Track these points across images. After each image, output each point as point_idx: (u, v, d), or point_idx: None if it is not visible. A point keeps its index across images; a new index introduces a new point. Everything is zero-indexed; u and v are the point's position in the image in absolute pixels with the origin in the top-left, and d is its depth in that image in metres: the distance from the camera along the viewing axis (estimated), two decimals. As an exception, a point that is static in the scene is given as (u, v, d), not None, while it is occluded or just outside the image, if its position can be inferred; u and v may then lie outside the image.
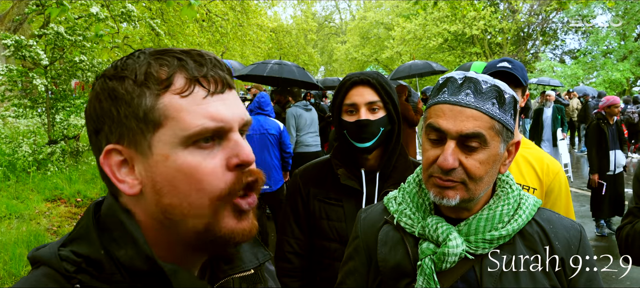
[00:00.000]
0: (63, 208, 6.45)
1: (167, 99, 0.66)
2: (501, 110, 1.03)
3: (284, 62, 8.11)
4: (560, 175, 1.84)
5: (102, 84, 0.68)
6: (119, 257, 0.66)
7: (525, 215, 1.10)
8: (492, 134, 1.02)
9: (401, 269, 1.12)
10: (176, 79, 0.66)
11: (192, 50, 0.70)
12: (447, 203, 1.04)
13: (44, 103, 7.74)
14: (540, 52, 30.17)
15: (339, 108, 1.72)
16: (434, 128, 1.05)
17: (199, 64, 0.68)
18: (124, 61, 0.69)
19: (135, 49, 6.42)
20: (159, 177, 0.66)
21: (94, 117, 0.69)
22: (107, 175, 0.68)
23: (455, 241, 1.05)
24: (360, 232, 1.25)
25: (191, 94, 0.66)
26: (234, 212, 0.68)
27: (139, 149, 0.66)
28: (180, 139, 0.65)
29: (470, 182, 1.03)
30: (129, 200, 0.70)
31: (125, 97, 0.66)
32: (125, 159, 0.67)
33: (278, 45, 26.52)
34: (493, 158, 1.04)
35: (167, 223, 0.68)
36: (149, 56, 0.68)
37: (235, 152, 0.68)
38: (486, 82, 1.04)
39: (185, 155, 0.65)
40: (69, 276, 0.65)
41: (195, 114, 0.65)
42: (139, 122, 0.66)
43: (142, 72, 0.66)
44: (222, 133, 0.68)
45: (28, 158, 7.25)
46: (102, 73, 0.71)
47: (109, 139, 0.67)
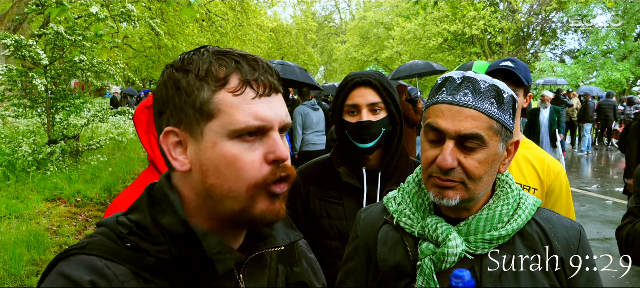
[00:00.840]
0: (63, 208, 6.45)
1: (222, 96, 0.76)
2: (500, 109, 1.03)
3: (286, 62, 8.16)
4: (562, 176, 1.83)
5: (170, 74, 0.79)
6: (164, 223, 0.78)
7: (525, 215, 1.10)
8: (491, 134, 1.02)
9: (401, 269, 1.12)
10: (232, 79, 0.77)
11: (249, 55, 0.80)
12: (447, 204, 1.04)
13: (44, 103, 7.74)
14: (540, 52, 30.16)
15: (340, 108, 1.72)
16: (433, 128, 1.05)
17: (253, 68, 0.78)
18: (191, 56, 0.79)
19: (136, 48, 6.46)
20: (206, 161, 0.77)
21: (160, 101, 0.80)
22: (164, 152, 0.80)
23: (455, 241, 1.05)
24: (360, 232, 1.25)
25: (242, 94, 0.76)
26: (267, 196, 0.78)
27: (193, 134, 0.78)
28: (228, 132, 0.75)
29: (470, 182, 1.03)
30: (179, 177, 0.82)
31: (187, 88, 0.77)
32: (180, 141, 0.79)
33: (278, 45, 26.52)
34: (492, 158, 1.04)
35: (209, 201, 0.79)
36: (212, 55, 0.78)
37: (273, 149, 0.77)
38: (485, 81, 1.04)
39: (230, 145, 0.76)
40: (123, 236, 0.78)
41: (244, 112, 0.76)
42: (195, 112, 0.76)
43: (204, 69, 0.77)
44: (264, 131, 0.77)
45: (28, 158, 7.25)
46: (171, 63, 0.81)
47: (169, 122, 0.79)
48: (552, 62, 28.17)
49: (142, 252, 0.77)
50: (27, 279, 4.46)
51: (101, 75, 8.13)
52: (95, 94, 17.98)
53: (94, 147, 8.39)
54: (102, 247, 0.77)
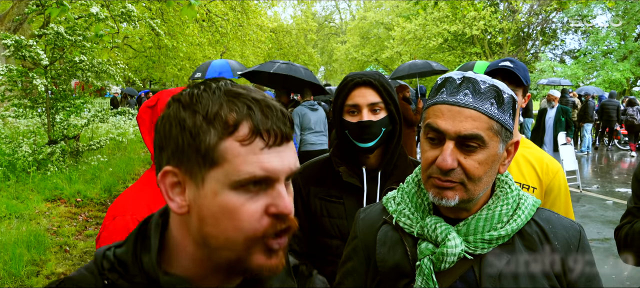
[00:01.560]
0: (63, 208, 6.45)
1: (229, 144, 0.71)
2: (500, 110, 1.03)
3: (291, 62, 8.23)
4: (560, 175, 1.85)
5: (176, 110, 0.74)
6: (144, 262, 0.75)
7: (524, 215, 1.10)
8: (491, 134, 1.02)
9: (400, 269, 1.12)
10: (242, 127, 0.71)
11: (263, 100, 0.74)
12: (446, 204, 1.04)
13: (44, 103, 7.74)
14: (540, 52, 30.16)
15: (340, 108, 1.74)
16: (432, 128, 1.05)
17: (266, 116, 0.73)
18: (201, 93, 0.74)
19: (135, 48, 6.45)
20: (204, 208, 0.72)
21: (162, 136, 0.76)
22: (162, 191, 0.76)
23: (454, 241, 1.05)
24: (358, 232, 1.25)
25: (251, 144, 0.71)
26: (264, 250, 0.74)
27: (193, 178, 0.73)
28: (231, 182, 0.71)
29: (469, 183, 1.03)
30: (176, 218, 0.78)
31: (192, 130, 0.72)
32: (179, 181, 0.74)
33: (278, 45, 26.53)
34: (492, 159, 1.04)
35: (204, 248, 0.75)
36: (223, 95, 0.73)
37: (276, 202, 0.73)
38: (484, 82, 1.04)
39: (231, 196, 0.71)
40: (102, 272, 0.76)
41: (250, 163, 0.71)
42: (198, 156, 0.72)
43: (213, 111, 0.71)
44: (269, 182, 0.73)
45: (28, 158, 7.25)
46: (178, 96, 0.76)
47: (169, 160, 0.75)
48: (552, 62, 28.15)
49: None
50: (27, 279, 4.46)
51: (101, 75, 8.14)
52: (95, 94, 17.97)
53: (94, 147, 8.39)
54: (78, 283, 0.75)
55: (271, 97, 0.76)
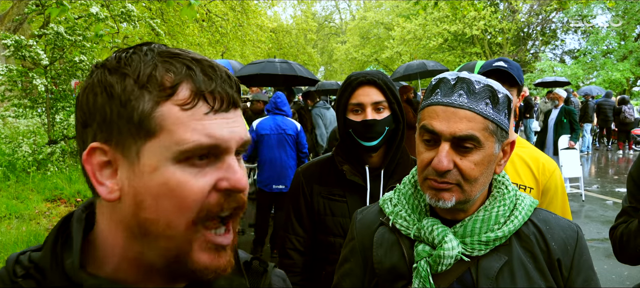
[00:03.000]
0: (63, 208, 6.45)
1: (167, 109, 0.61)
2: (495, 110, 1.03)
3: (288, 61, 8.53)
4: (556, 174, 1.85)
5: (101, 76, 0.63)
6: (66, 265, 0.63)
7: (522, 216, 1.10)
8: (486, 135, 1.02)
9: (397, 271, 1.12)
10: (181, 89, 0.61)
11: (204, 60, 0.65)
12: (443, 206, 1.04)
13: (44, 103, 7.74)
14: (540, 52, 30.16)
15: (344, 107, 1.75)
16: (427, 130, 1.04)
17: (208, 76, 0.63)
18: (130, 55, 0.64)
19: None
20: (142, 188, 0.61)
21: (84, 109, 0.64)
22: (87, 174, 0.63)
23: (451, 243, 1.05)
24: (356, 234, 1.25)
25: (193, 107, 0.62)
26: (209, 247, 0.64)
27: (126, 154, 0.62)
28: (173, 153, 0.61)
29: (466, 184, 1.03)
30: (105, 207, 0.66)
31: (122, 96, 0.61)
32: (109, 161, 0.63)
33: (278, 45, 26.51)
34: (488, 159, 1.04)
35: (139, 239, 0.63)
36: (157, 56, 0.63)
37: (227, 175, 0.64)
38: (479, 82, 1.04)
39: (174, 170, 0.61)
40: (14, 280, 0.64)
41: (194, 130, 0.61)
42: (131, 126, 0.61)
43: (146, 73, 0.61)
44: (217, 152, 0.63)
45: (28, 158, 7.25)
46: (103, 62, 0.65)
47: (96, 136, 0.63)
48: (552, 62, 28.15)
49: None
50: (27, 279, 4.46)
51: (101, 75, 8.13)
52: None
53: (93, 147, 8.38)
54: None
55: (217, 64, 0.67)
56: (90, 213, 0.70)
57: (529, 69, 27.69)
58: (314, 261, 1.83)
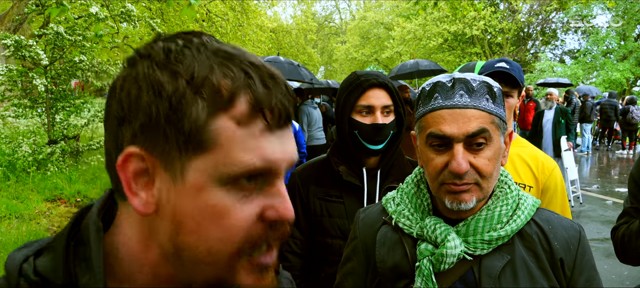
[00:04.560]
0: (63, 208, 6.45)
1: (222, 122, 0.52)
2: (495, 104, 1.05)
3: (278, 58, 8.71)
4: (556, 173, 1.85)
5: (147, 70, 0.53)
6: (82, 283, 0.54)
7: (524, 216, 1.10)
8: (493, 128, 1.04)
9: (399, 270, 1.12)
10: (239, 101, 0.53)
11: (263, 66, 0.56)
12: (465, 207, 1.04)
13: (44, 103, 7.74)
14: (540, 52, 30.16)
15: (351, 107, 1.71)
16: (436, 136, 1.04)
17: (268, 88, 0.54)
18: (180, 49, 0.54)
19: (135, 49, 6.49)
20: (183, 208, 0.53)
21: (124, 104, 0.54)
22: (120, 180, 0.55)
23: (453, 242, 1.05)
24: (358, 233, 1.25)
25: (250, 124, 0.53)
26: (253, 268, 0.57)
27: (168, 166, 0.53)
28: (222, 174, 0.53)
29: (483, 181, 1.03)
30: (132, 219, 0.57)
31: (173, 99, 0.52)
32: (146, 169, 0.54)
33: (278, 45, 26.52)
34: (497, 153, 1.05)
35: (174, 261, 0.56)
36: (212, 56, 0.54)
37: (275, 204, 0.57)
38: (474, 79, 1.05)
39: (220, 193, 0.53)
40: None
41: (248, 149, 0.53)
42: (179, 136, 0.52)
43: (201, 75, 0.52)
44: (267, 176, 0.56)
45: (28, 158, 7.25)
46: (146, 51, 0.56)
47: (135, 138, 0.54)
48: (552, 62, 28.15)
49: None
50: (27, 279, 4.46)
51: (101, 75, 8.14)
52: (95, 94, 17.97)
53: (94, 147, 8.39)
54: None
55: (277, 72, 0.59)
56: (108, 218, 0.60)
57: (529, 69, 27.70)
58: (312, 263, 1.82)
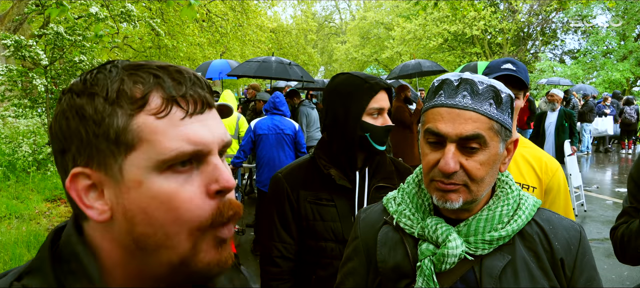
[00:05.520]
0: (63, 208, 6.46)
1: (142, 120, 0.60)
2: (499, 110, 1.04)
3: (268, 58, 8.75)
4: (559, 174, 1.85)
5: (69, 100, 0.62)
6: None
7: (525, 216, 1.10)
8: (491, 134, 1.03)
9: (400, 270, 1.12)
10: (152, 98, 0.61)
11: (170, 66, 0.65)
12: (451, 207, 1.04)
13: (44, 103, 7.74)
14: (540, 52, 30.16)
15: (363, 110, 1.69)
16: (432, 132, 1.05)
17: (177, 82, 0.63)
18: (94, 75, 0.63)
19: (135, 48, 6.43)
20: (131, 205, 0.60)
21: (59, 136, 0.63)
22: (74, 200, 0.62)
23: (454, 242, 1.05)
24: (359, 233, 1.25)
25: (168, 115, 0.61)
26: (214, 242, 0.64)
27: (109, 173, 0.61)
28: (155, 163, 0.60)
29: (472, 184, 1.03)
30: (96, 228, 0.64)
31: (95, 116, 0.60)
32: (93, 183, 0.62)
33: (278, 45, 26.52)
34: (493, 159, 1.04)
35: (139, 254, 0.63)
36: (122, 71, 0.63)
37: (215, 177, 0.63)
38: (482, 82, 1.04)
39: (160, 181, 0.60)
40: None
41: (172, 136, 0.60)
42: (109, 144, 0.60)
43: (114, 89, 0.61)
44: (200, 156, 0.63)
45: (28, 158, 7.26)
46: (69, 87, 0.64)
47: (76, 161, 0.62)
48: (552, 62, 28.15)
49: None
50: (27, 279, 4.46)
51: (101, 75, 8.13)
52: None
53: (94, 147, 8.39)
54: None
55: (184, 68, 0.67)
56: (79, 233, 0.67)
57: (529, 69, 27.68)
58: (303, 266, 1.81)
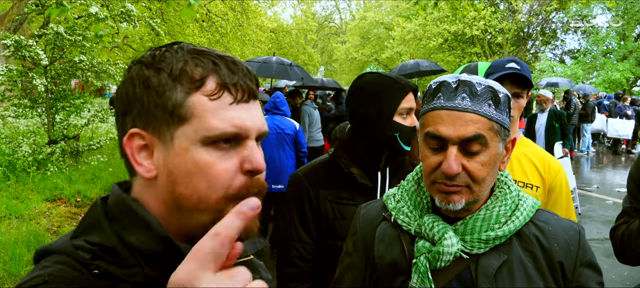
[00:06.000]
0: (63, 208, 6.45)
1: (196, 99, 0.70)
2: (497, 110, 1.04)
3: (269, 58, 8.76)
4: (561, 174, 1.86)
5: (138, 71, 0.73)
6: (131, 242, 0.70)
7: (523, 217, 1.10)
8: (492, 135, 1.03)
9: (397, 266, 1.13)
10: (208, 82, 0.71)
11: (227, 57, 0.74)
12: (454, 208, 1.05)
13: (44, 103, 7.74)
14: (540, 52, 30.16)
15: (394, 110, 1.70)
16: (433, 135, 1.05)
17: (232, 71, 0.72)
18: (163, 52, 0.73)
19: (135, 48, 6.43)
20: (175, 168, 0.70)
21: (124, 100, 0.73)
22: (128, 156, 0.72)
23: (450, 240, 1.06)
24: (358, 228, 1.26)
25: (219, 98, 0.71)
26: None
27: (161, 138, 0.71)
28: (202, 137, 0.69)
29: (475, 185, 1.04)
30: (142, 185, 0.75)
31: (158, 88, 0.70)
32: (146, 144, 0.72)
33: (278, 45, 26.52)
34: (494, 159, 1.05)
35: (177, 213, 0.72)
36: (187, 53, 0.72)
37: (249, 158, 0.72)
38: (480, 83, 1.05)
39: (203, 152, 0.70)
40: (87, 263, 0.68)
41: (220, 117, 0.70)
42: (165, 114, 0.70)
43: (178, 67, 0.71)
44: (240, 138, 0.72)
45: (28, 158, 7.25)
46: (138, 59, 0.75)
47: (135, 123, 0.72)
48: (552, 62, 28.15)
49: (113, 278, 0.68)
50: (27, 279, 4.45)
51: (101, 75, 8.14)
52: (95, 94, 17.99)
53: (94, 147, 8.39)
54: (66, 278, 0.66)
55: (239, 60, 0.76)
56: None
57: (529, 69, 27.68)
58: (321, 265, 1.80)
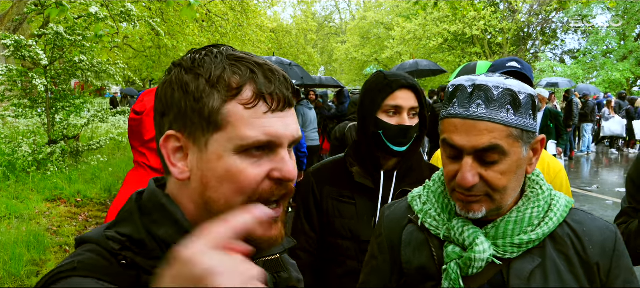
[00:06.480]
0: (63, 208, 6.44)
1: (232, 107, 0.71)
2: (518, 114, 0.97)
3: (270, 58, 8.71)
4: (562, 174, 1.84)
5: (178, 74, 0.74)
6: (159, 235, 0.72)
7: (557, 218, 1.04)
8: (511, 142, 0.96)
9: (426, 272, 1.08)
10: (245, 90, 0.71)
11: (265, 64, 0.74)
12: (474, 216, 1.00)
13: (44, 103, 7.73)
14: (540, 52, 30.15)
15: (378, 106, 1.68)
16: (449, 144, 1.00)
17: (269, 80, 0.72)
18: (202, 57, 0.74)
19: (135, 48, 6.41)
20: (208, 172, 0.72)
21: (163, 102, 0.75)
22: (163, 156, 0.75)
23: (482, 246, 1.00)
24: (384, 229, 1.21)
25: (255, 107, 0.71)
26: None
27: (196, 143, 0.72)
28: (235, 146, 0.70)
29: (495, 193, 0.98)
30: (176, 185, 0.77)
31: (196, 93, 0.71)
32: (181, 146, 0.74)
33: (278, 45, 26.51)
34: (516, 165, 0.98)
35: (206, 215, 0.74)
36: (226, 59, 0.73)
37: (280, 167, 0.73)
38: (498, 86, 0.97)
39: (235, 159, 0.71)
40: (115, 253, 0.71)
41: (254, 127, 0.70)
42: (201, 120, 0.71)
43: (216, 74, 0.71)
44: (272, 146, 0.72)
45: (28, 158, 7.24)
46: (178, 61, 0.76)
47: (171, 125, 0.74)
48: (552, 62, 28.15)
49: (139, 269, 0.71)
50: (27, 279, 4.44)
51: (101, 75, 8.12)
52: (95, 94, 17.97)
53: (94, 147, 8.38)
54: (94, 266, 0.69)
55: (276, 68, 0.76)
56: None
57: (529, 69, 27.67)
58: (322, 262, 1.81)
